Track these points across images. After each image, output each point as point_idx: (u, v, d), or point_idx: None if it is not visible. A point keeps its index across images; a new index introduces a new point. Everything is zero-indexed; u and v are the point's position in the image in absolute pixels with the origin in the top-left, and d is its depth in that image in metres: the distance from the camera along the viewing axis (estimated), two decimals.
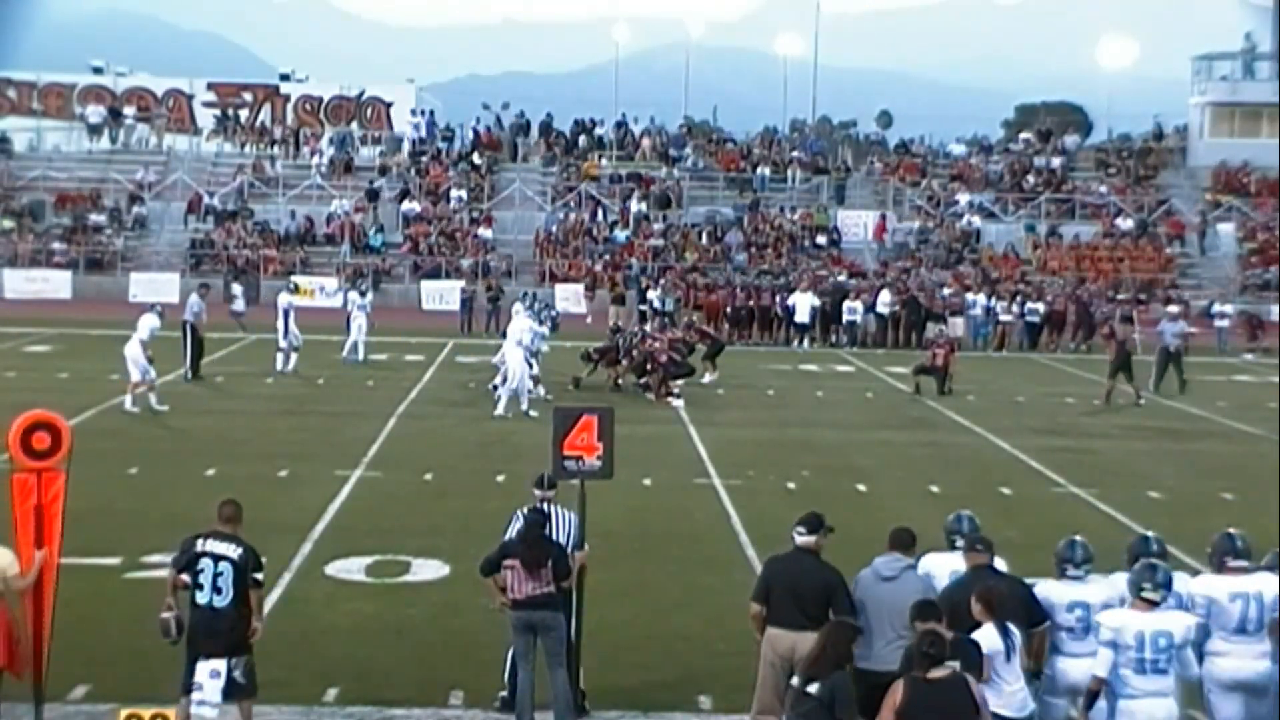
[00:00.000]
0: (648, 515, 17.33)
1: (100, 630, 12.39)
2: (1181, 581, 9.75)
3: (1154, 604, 9.12)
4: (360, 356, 32.76)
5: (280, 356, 31.06)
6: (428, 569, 15.04)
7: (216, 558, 9.84)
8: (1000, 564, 9.92)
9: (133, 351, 24.98)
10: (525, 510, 10.94)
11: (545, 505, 10.99)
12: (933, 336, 31.70)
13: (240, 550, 9.90)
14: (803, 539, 10.13)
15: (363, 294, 34.49)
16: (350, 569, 14.98)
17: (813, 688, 8.32)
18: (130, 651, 11.93)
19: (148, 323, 25.55)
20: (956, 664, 8.24)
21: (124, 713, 9.37)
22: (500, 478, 19.91)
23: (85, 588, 12.92)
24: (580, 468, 10.84)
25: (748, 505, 18.52)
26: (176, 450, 21.54)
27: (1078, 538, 9.86)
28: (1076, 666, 9.41)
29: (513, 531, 10.89)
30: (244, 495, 10.69)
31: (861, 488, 20.13)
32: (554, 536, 10.84)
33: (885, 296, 41.32)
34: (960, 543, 10.07)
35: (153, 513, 17.07)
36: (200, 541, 9.95)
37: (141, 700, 9.97)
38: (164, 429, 23.67)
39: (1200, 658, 9.48)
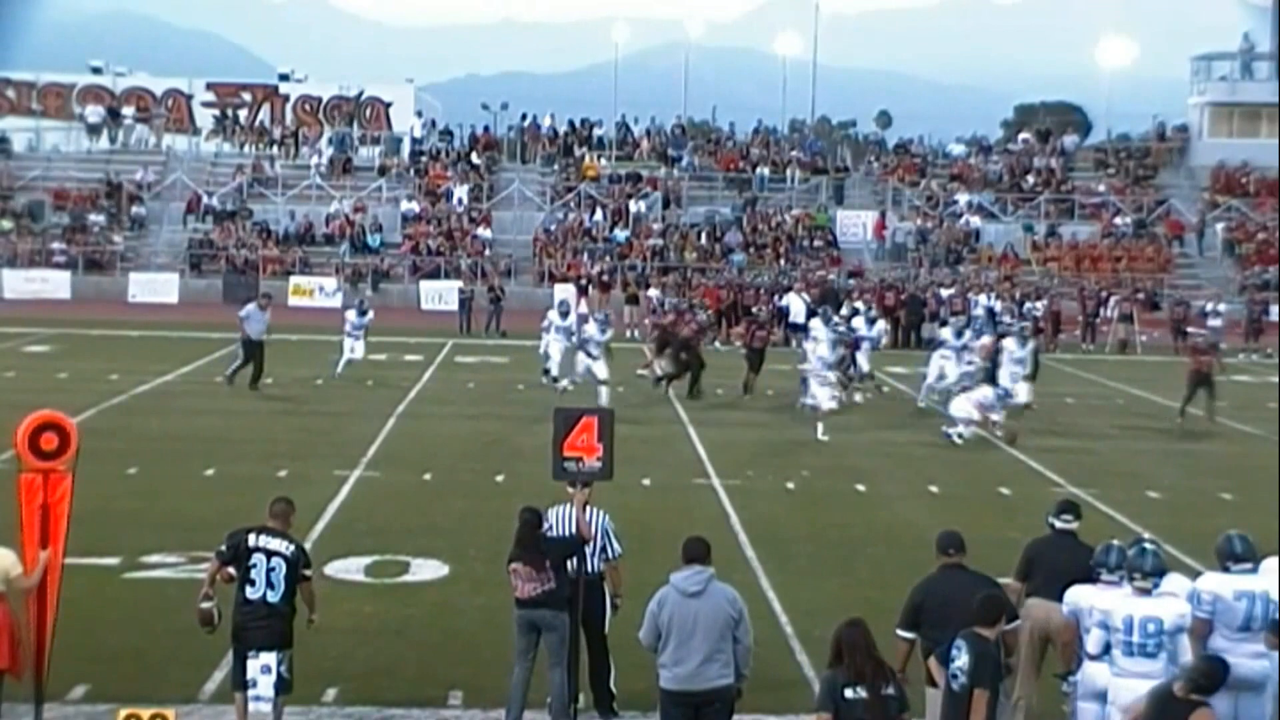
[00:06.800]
0: (647, 515, 17.29)
1: (99, 630, 12.39)
2: (1180, 583, 9.77)
3: (1146, 590, 9.30)
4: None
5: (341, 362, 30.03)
6: (427, 569, 15.03)
7: (270, 553, 10.04)
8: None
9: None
10: (559, 509, 10.94)
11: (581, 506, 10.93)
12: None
13: (292, 547, 10.14)
14: (1069, 524, 10.79)
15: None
16: (349, 569, 14.97)
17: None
18: (130, 651, 11.95)
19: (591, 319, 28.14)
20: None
21: (123, 713, 9.37)
22: (500, 478, 19.92)
23: (84, 588, 12.89)
24: (580, 469, 10.74)
25: (747, 505, 18.53)
26: (176, 450, 21.53)
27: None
28: (1102, 672, 9.35)
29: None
30: (244, 495, 10.72)
31: (861, 488, 20.13)
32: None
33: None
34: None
35: (152, 513, 17.08)
36: (252, 537, 10.10)
37: (141, 700, 9.98)
38: (163, 429, 23.66)
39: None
